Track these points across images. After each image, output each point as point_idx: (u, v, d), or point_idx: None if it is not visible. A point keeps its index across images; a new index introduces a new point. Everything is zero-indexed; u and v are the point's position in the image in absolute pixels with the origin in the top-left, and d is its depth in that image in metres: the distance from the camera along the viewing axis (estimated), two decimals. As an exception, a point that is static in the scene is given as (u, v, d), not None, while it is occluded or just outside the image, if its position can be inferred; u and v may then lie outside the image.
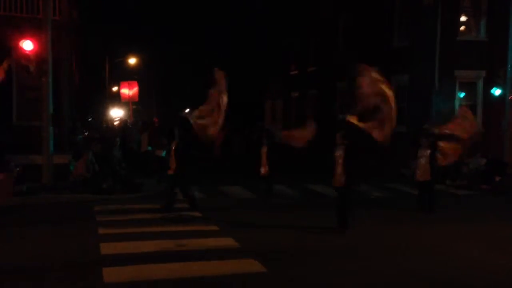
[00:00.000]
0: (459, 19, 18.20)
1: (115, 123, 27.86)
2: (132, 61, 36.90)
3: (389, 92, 8.35)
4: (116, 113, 36.65)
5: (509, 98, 16.44)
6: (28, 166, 12.64)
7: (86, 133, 17.63)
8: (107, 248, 7.24)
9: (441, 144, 10.42)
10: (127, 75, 33.67)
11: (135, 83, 22.42)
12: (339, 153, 8.82)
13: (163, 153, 14.97)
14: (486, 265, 6.84)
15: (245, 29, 35.36)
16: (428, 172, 10.62)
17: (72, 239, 7.89)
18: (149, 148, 15.77)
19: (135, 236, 8.01)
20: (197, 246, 7.52)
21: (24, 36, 12.20)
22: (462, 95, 18.28)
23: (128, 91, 22.05)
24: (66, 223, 9.15)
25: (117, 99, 32.51)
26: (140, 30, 42.76)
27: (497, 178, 14.51)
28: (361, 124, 8.26)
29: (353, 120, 8.33)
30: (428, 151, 10.68)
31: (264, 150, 12.15)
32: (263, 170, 11.92)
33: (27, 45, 12.08)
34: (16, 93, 15.06)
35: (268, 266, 6.50)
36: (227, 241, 7.80)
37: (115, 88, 38.49)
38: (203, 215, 9.87)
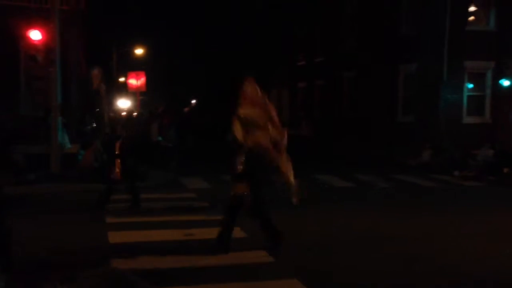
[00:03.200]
0: (468, 9, 18.05)
1: (123, 113, 27.93)
2: (139, 51, 36.89)
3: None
4: (124, 104, 36.74)
5: (518, 89, 16.33)
6: (36, 156, 12.73)
7: (94, 124, 17.67)
8: (115, 237, 7.29)
9: None
10: (135, 65, 33.71)
11: (142, 74, 22.47)
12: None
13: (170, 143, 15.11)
14: (488, 256, 6.83)
15: (252, 19, 35.21)
16: None
17: (80, 227, 7.96)
18: (160, 138, 15.85)
19: (143, 225, 8.07)
20: (206, 235, 7.56)
21: (32, 26, 12.25)
22: (470, 85, 18.18)
23: (135, 81, 22.10)
24: (73, 211, 9.22)
25: (124, 89, 32.59)
26: (148, 20, 42.74)
27: (505, 170, 14.46)
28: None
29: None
30: None
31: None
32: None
33: (35, 35, 12.13)
34: (24, 83, 15.14)
35: (276, 255, 6.52)
36: (235, 231, 7.83)
37: (122, 79, 38.55)
38: (211, 204, 9.91)
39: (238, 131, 6.61)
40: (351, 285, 5.69)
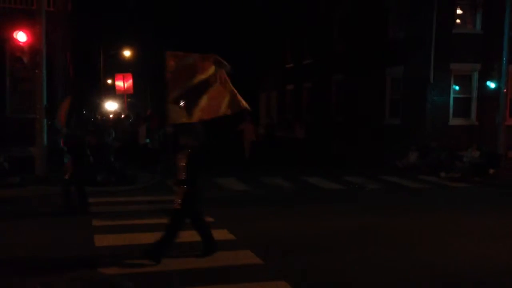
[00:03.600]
0: (455, 12, 18.21)
1: (110, 116, 27.80)
2: (127, 53, 36.73)
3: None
4: (111, 106, 36.54)
5: (504, 91, 16.48)
6: (22, 158, 12.59)
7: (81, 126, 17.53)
8: (101, 240, 7.22)
9: None
10: (122, 67, 33.54)
11: (129, 76, 22.31)
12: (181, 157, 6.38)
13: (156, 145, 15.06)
14: (474, 255, 6.88)
15: (241, 22, 35.22)
16: None
17: (66, 231, 7.87)
18: (147, 140, 15.77)
19: (129, 228, 8.00)
20: (193, 238, 7.52)
21: (18, 28, 12.11)
22: (457, 88, 18.33)
23: (123, 83, 21.94)
24: (59, 214, 9.12)
25: (111, 91, 32.40)
26: (135, 22, 42.54)
27: (491, 171, 14.60)
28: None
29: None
30: None
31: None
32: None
33: (21, 36, 11.99)
34: (10, 85, 14.97)
35: (264, 258, 6.50)
36: (223, 233, 7.80)
37: (110, 81, 38.33)
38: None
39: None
40: (339, 285, 5.69)
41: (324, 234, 8.00)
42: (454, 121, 18.28)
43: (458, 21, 18.34)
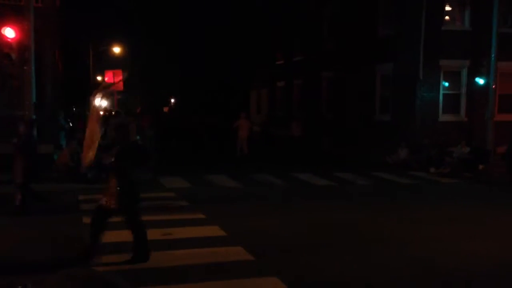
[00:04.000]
0: (444, 9, 18.31)
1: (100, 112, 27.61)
2: (117, 50, 36.49)
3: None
4: (101, 103, 36.28)
5: (493, 87, 16.61)
6: (10, 156, 12.46)
7: (70, 123, 17.46)
8: (92, 237, 7.18)
9: None
10: (112, 64, 33.32)
11: (120, 72, 22.23)
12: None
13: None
14: (466, 252, 6.95)
15: (231, 19, 35.14)
16: None
17: (56, 228, 7.83)
18: (138, 137, 15.71)
19: (120, 225, 7.95)
20: (184, 234, 7.51)
21: (6, 24, 11.99)
22: (446, 84, 18.45)
23: (113, 80, 21.83)
24: (49, 212, 9.06)
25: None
26: (125, 19, 42.27)
27: (481, 167, 14.73)
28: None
29: None
30: None
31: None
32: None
33: (9, 32, 11.87)
34: (-2, 82, 14.81)
35: (255, 254, 6.52)
36: (214, 230, 7.80)
37: (100, 78, 38.03)
38: (190, 204, 9.86)
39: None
40: (329, 279, 5.72)
41: (315, 230, 8.03)
42: (443, 117, 18.39)
43: (447, 18, 18.45)
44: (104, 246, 6.75)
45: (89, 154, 6.13)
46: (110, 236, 7.30)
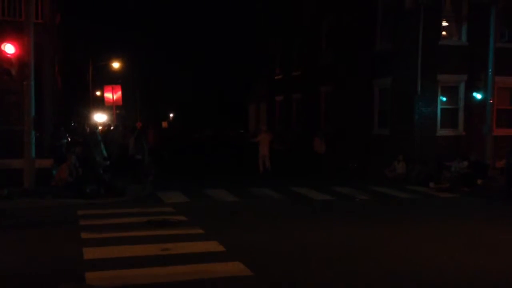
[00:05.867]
0: (441, 24, 18.46)
1: (99, 127, 27.66)
2: (116, 65, 36.67)
3: None
4: (100, 117, 36.37)
5: (490, 101, 16.69)
6: (9, 171, 12.46)
7: (69, 137, 17.48)
8: (90, 253, 7.16)
9: None
10: (111, 79, 33.45)
11: (118, 87, 22.27)
12: None
13: (145, 157, 14.98)
14: (466, 268, 6.92)
15: (230, 34, 35.40)
16: None
17: (55, 244, 7.79)
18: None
19: (119, 240, 7.94)
20: (182, 250, 7.48)
21: (5, 40, 12.05)
22: (444, 99, 18.53)
23: (112, 95, 21.90)
24: (48, 228, 9.04)
25: (100, 103, 32.27)
26: (124, 34, 42.55)
27: (479, 181, 14.72)
28: None
29: None
30: None
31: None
32: None
33: (9, 48, 11.93)
34: (-3, 97, 14.85)
35: (254, 269, 6.49)
36: (213, 245, 7.77)
37: (98, 93, 38.19)
38: (188, 218, 9.83)
39: None
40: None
41: (316, 246, 8.00)
42: (441, 132, 18.44)
43: (444, 33, 18.60)
44: (98, 262, 6.73)
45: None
46: (105, 252, 7.27)
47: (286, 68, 28.86)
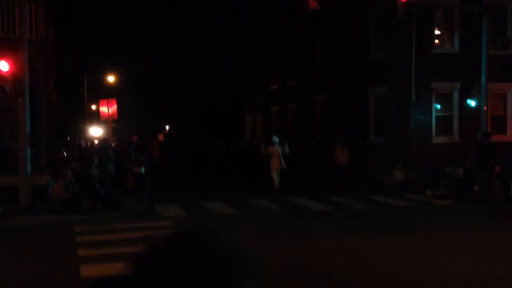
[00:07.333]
0: (433, 33, 18.60)
1: (95, 141, 27.65)
2: (111, 79, 36.71)
3: None
4: (96, 132, 36.35)
5: (484, 108, 16.77)
6: (5, 188, 12.40)
7: (65, 153, 17.43)
8: (87, 270, 7.11)
9: None
10: (106, 93, 33.47)
11: (114, 101, 22.24)
12: None
13: (143, 170, 14.89)
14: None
15: (225, 45, 35.54)
16: None
17: (51, 262, 7.74)
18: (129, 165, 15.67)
19: (116, 256, 7.88)
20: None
21: (0, 57, 12.07)
22: (438, 106, 18.61)
23: (107, 109, 21.86)
24: (44, 245, 8.98)
25: (96, 117, 32.24)
26: (119, 48, 42.64)
27: (476, 188, 14.74)
28: None
29: None
30: None
31: None
32: None
33: (3, 65, 11.95)
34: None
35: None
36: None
37: (94, 107, 38.17)
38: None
39: None
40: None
41: (320, 257, 7.97)
42: (437, 139, 18.50)
43: (436, 41, 18.73)
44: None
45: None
46: (102, 269, 7.22)
47: (281, 79, 28.95)
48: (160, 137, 41.54)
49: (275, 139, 16.52)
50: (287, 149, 16.46)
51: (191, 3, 40.56)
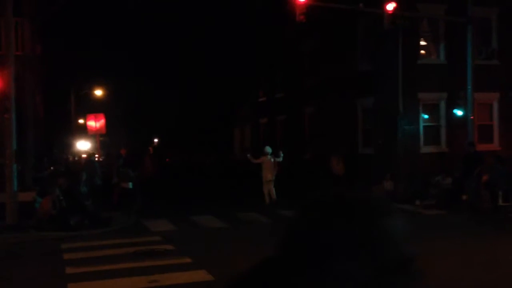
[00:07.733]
0: (419, 44, 18.81)
1: (83, 156, 27.40)
2: (98, 92, 36.54)
3: None
4: (83, 146, 36.08)
5: (471, 118, 16.93)
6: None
7: (52, 168, 17.25)
8: (76, 289, 7.01)
9: None
10: (94, 107, 33.28)
11: (101, 116, 22.15)
12: None
13: (130, 185, 14.77)
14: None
15: (214, 58, 35.61)
16: None
17: (38, 280, 7.61)
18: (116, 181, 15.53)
19: (105, 273, 7.78)
20: (171, 281, 7.36)
21: (-15, 73, 11.97)
22: (426, 116, 18.76)
23: (94, 123, 21.76)
24: (31, 263, 8.84)
25: (84, 131, 31.99)
26: (106, 62, 42.52)
27: (464, 197, 14.83)
28: None
29: None
30: None
31: None
32: None
33: (-11, 81, 11.84)
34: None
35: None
36: (201, 274, 7.66)
37: (81, 121, 37.89)
38: (176, 247, 9.69)
39: None
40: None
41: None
42: (425, 149, 18.62)
43: (422, 52, 18.94)
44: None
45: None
46: (90, 287, 7.12)
47: (269, 90, 29.04)
48: (150, 150, 41.32)
49: (268, 149, 16.19)
50: (281, 158, 16.29)
51: (176, 17, 40.71)
